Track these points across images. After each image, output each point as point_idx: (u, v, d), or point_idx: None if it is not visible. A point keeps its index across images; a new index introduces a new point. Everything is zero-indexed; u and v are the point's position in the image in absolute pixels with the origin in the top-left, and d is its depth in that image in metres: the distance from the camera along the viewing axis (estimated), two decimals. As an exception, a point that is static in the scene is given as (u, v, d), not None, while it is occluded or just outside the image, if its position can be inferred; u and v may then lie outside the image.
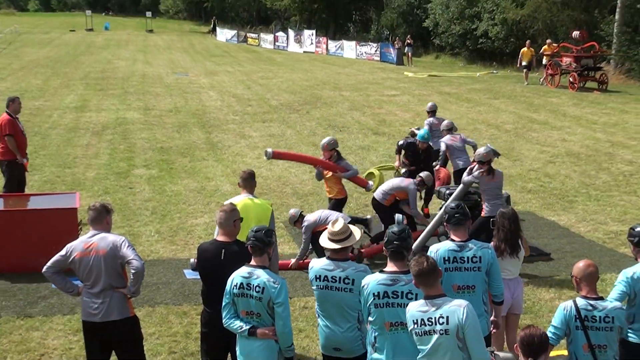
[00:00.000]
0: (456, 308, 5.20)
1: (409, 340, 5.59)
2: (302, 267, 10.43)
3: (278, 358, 5.98)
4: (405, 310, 5.54)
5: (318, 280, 6.08)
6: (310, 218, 10.57)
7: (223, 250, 6.43)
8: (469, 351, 5.21)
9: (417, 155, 13.25)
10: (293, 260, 10.66)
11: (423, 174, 11.74)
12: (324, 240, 6.34)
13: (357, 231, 6.42)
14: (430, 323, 5.24)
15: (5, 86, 30.90)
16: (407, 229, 5.96)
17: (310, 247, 10.58)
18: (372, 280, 5.72)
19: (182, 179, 15.89)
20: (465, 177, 10.64)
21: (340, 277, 6.00)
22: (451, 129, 13.80)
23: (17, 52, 48.33)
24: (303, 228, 10.54)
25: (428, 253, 6.52)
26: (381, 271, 5.79)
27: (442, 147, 13.52)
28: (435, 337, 5.22)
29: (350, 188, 12.68)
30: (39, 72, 36.66)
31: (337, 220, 6.42)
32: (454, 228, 6.67)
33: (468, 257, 6.48)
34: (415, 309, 5.35)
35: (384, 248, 5.89)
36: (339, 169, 11.48)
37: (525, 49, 33.14)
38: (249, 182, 8.32)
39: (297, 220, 10.73)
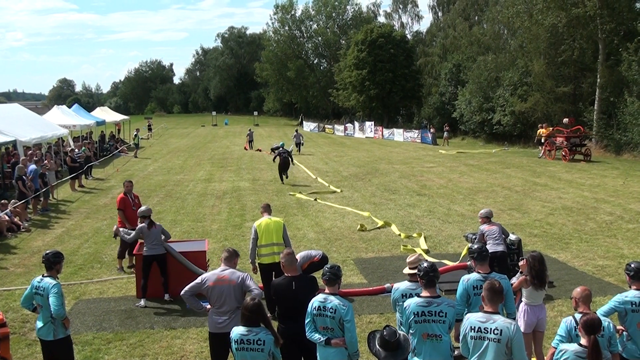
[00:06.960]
0: (509, 324, 5.12)
1: (438, 347, 5.49)
2: None
3: (347, 361, 5.90)
4: (437, 325, 5.47)
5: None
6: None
7: (293, 282, 6.45)
8: (513, 356, 5.10)
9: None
10: None
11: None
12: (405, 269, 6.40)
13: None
14: (485, 332, 5.13)
15: (158, 165, 32.12)
16: (434, 264, 5.87)
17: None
18: (413, 303, 5.63)
19: (279, 230, 15.95)
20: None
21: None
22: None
23: (165, 142, 50.14)
24: None
25: (460, 282, 6.44)
26: (418, 296, 5.71)
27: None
28: (486, 342, 5.11)
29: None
30: (180, 155, 37.87)
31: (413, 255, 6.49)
32: (480, 263, 6.58)
33: None
34: (475, 318, 5.24)
35: (419, 279, 5.78)
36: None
37: (543, 129, 32.69)
38: (268, 209, 9.85)
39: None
